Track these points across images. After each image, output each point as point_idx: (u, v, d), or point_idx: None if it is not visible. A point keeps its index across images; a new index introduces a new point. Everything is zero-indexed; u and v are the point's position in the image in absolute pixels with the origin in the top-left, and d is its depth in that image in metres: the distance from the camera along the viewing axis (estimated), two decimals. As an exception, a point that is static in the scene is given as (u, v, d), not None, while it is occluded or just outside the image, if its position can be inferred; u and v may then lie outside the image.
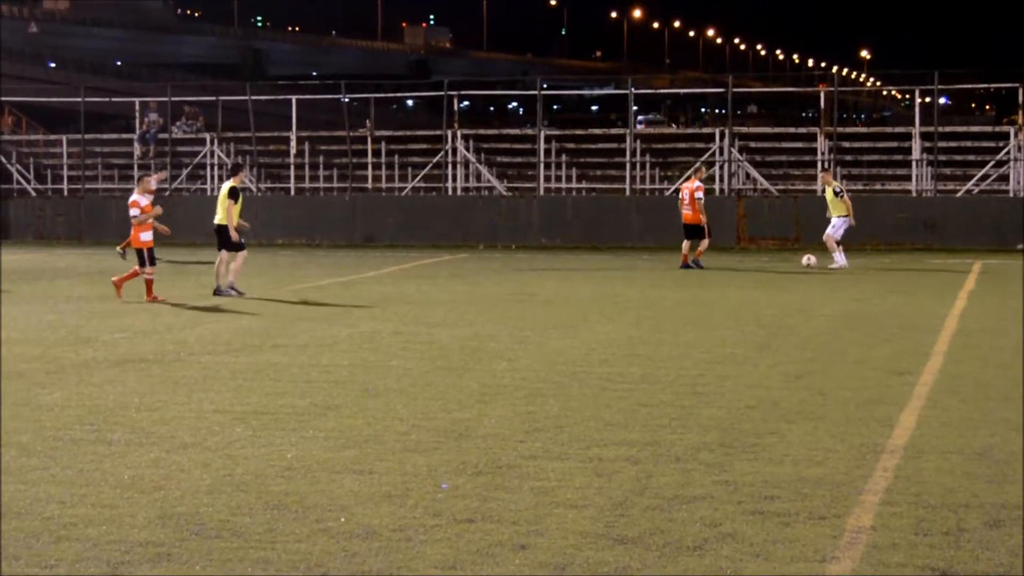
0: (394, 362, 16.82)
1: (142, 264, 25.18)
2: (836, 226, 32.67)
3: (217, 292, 25.84)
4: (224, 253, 26.19)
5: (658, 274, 31.33)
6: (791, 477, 10.41)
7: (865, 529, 8.95)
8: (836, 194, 33.09)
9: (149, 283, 25.19)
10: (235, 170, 27.39)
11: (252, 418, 12.93)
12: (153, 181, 27.35)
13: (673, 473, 10.55)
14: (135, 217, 25.48)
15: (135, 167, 49.70)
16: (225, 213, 26.16)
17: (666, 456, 11.16)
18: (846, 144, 45.51)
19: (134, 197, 25.75)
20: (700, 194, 33.06)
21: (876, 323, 21.16)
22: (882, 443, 11.69)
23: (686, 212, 33.16)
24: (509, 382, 15.22)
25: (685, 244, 33.07)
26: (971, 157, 45.06)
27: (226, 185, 26.62)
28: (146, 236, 25.55)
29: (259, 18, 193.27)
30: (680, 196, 34.11)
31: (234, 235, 26.04)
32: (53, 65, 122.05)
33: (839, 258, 31.99)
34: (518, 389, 14.70)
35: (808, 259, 31.96)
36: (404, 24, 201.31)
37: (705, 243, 33.11)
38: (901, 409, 13.38)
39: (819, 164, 44.37)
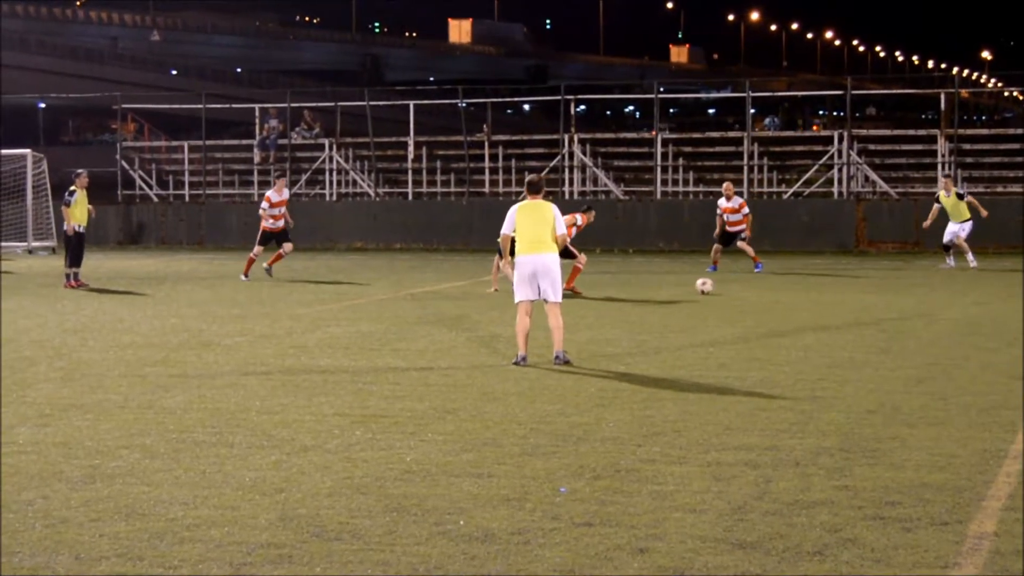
0: (512, 367, 16.85)
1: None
2: (966, 230, 32.97)
3: None
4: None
5: (775, 277, 31.13)
6: (912, 482, 10.31)
7: (988, 535, 8.84)
8: (960, 197, 33.06)
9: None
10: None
11: (371, 421, 13.01)
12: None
13: (792, 478, 10.49)
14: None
15: (255, 173, 50.31)
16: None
17: (785, 461, 11.10)
18: (967, 146, 45.00)
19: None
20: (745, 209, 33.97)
21: (998, 327, 20.90)
22: (1005, 448, 11.55)
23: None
24: (627, 386, 15.20)
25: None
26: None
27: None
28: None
29: (377, 24, 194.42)
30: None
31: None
32: (175, 72, 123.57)
33: (971, 259, 32.55)
34: (636, 393, 14.68)
35: (703, 283, 27.39)
36: (525, 30, 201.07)
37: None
38: (1024, 414, 13.21)
39: (939, 167, 43.91)
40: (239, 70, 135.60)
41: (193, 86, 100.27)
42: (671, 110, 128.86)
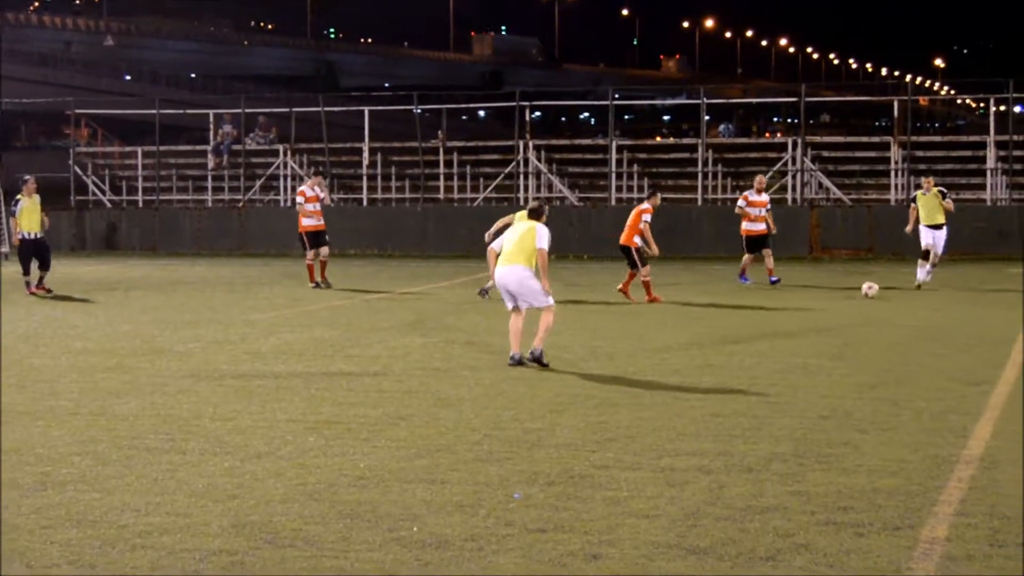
0: (466, 372, 16.85)
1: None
2: (943, 241, 29.76)
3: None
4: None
5: (730, 284, 31.20)
6: (865, 488, 10.35)
7: (940, 540, 8.88)
8: (944, 196, 29.85)
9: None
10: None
11: (325, 428, 12.98)
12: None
13: (745, 483, 10.51)
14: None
15: (209, 178, 50.17)
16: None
17: (738, 466, 11.12)
18: (920, 153, 45.19)
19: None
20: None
21: (951, 334, 21.01)
22: (957, 454, 11.61)
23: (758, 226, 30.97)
24: (581, 392, 15.22)
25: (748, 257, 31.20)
26: (1047, 166, 44.67)
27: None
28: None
29: (332, 30, 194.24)
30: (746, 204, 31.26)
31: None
32: (128, 77, 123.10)
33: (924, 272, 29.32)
34: (590, 399, 14.70)
35: (868, 288, 27.46)
36: (472, 33, 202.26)
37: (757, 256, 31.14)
38: (976, 420, 13.28)
39: (893, 173, 44.11)
40: (193, 75, 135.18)
41: (147, 91, 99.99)
42: (626, 117, 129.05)
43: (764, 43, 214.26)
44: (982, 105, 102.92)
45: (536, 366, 17.07)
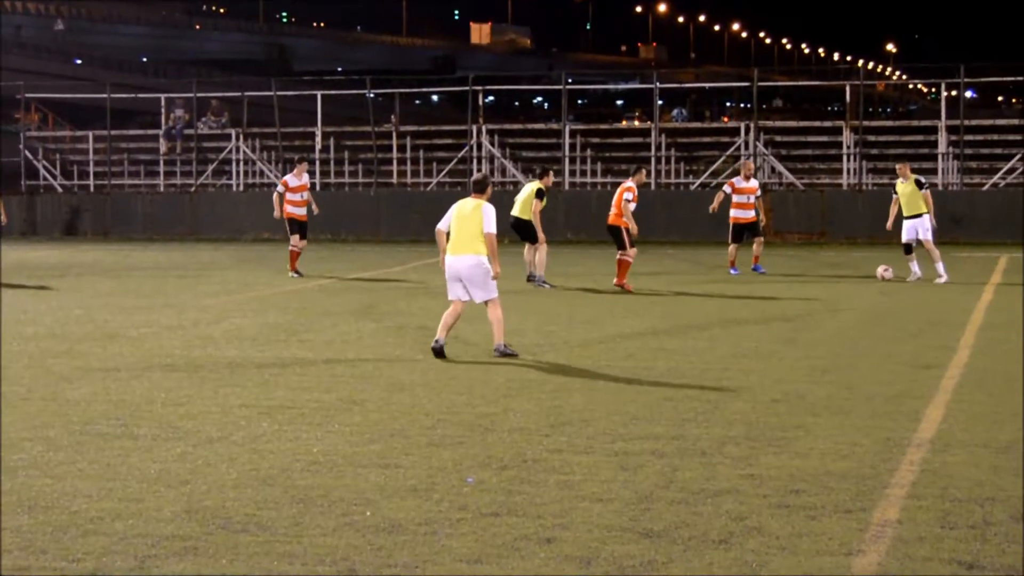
0: (419, 356, 16.84)
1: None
2: (927, 228, 27.63)
3: (531, 279, 27.20)
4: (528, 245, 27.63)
5: (683, 268, 31.25)
6: (817, 471, 10.39)
7: (891, 523, 8.93)
8: (920, 186, 27.99)
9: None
10: (543, 174, 28.31)
11: (278, 413, 12.96)
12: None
13: (698, 467, 10.54)
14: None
15: (161, 163, 49.96)
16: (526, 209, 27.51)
17: (691, 450, 11.15)
18: (872, 138, 45.41)
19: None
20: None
21: (903, 317, 21.12)
22: (908, 437, 11.67)
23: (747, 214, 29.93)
24: (535, 376, 15.23)
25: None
26: (998, 151, 44.94)
27: (533, 186, 27.91)
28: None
29: (284, 14, 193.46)
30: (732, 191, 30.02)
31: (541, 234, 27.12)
32: (79, 62, 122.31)
33: (941, 268, 27.39)
34: (543, 383, 14.71)
35: (884, 270, 27.45)
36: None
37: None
38: (927, 403, 13.35)
39: (845, 158, 44.29)
40: (144, 59, 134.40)
41: (98, 75, 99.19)
42: (579, 101, 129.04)
43: (717, 28, 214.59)
44: (933, 90, 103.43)
45: (511, 357, 16.78)
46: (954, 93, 48.31)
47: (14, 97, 55.06)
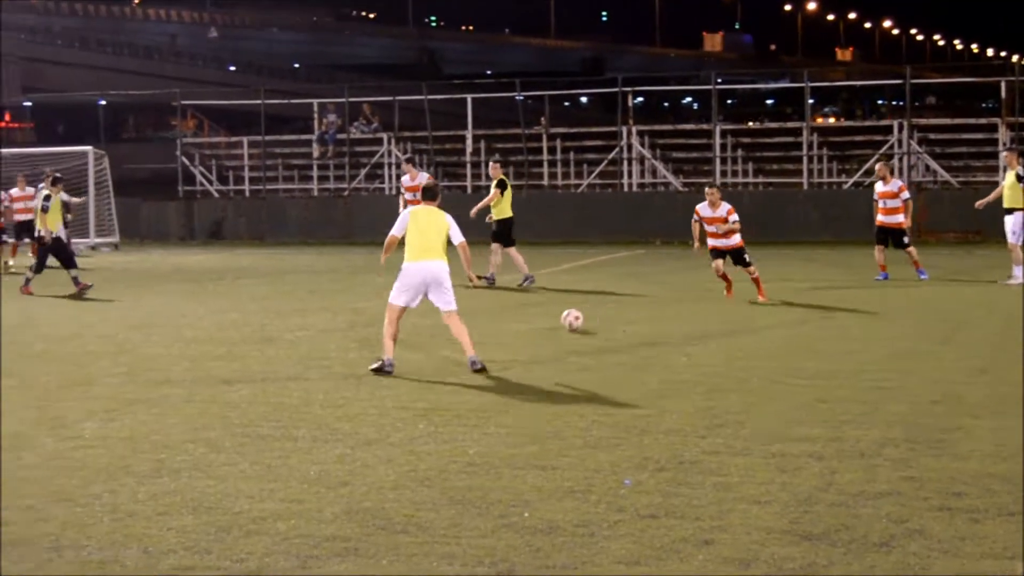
0: (573, 358, 16.85)
1: None
2: (1016, 227, 25.87)
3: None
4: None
5: (833, 269, 30.95)
6: (978, 473, 10.25)
7: (1056, 525, 8.79)
8: (1020, 180, 26.03)
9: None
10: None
11: (434, 414, 13.04)
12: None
13: (857, 469, 10.45)
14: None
15: (314, 167, 50.49)
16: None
17: (850, 452, 11.05)
18: (1029, 134, 44.60)
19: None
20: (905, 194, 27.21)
21: (1063, 316, 20.73)
22: (1072, 438, 11.47)
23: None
24: (689, 377, 15.17)
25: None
26: None
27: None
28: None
29: (433, 18, 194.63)
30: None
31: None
32: (233, 68, 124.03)
33: (1018, 272, 25.88)
34: (698, 384, 14.65)
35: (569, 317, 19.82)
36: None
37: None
38: (1092, 404, 13.10)
39: (1001, 154, 43.56)
40: (296, 65, 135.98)
41: (251, 82, 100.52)
42: (728, 101, 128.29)
43: (867, 25, 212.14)
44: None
45: (484, 372, 15.90)
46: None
47: (170, 104, 55.96)
